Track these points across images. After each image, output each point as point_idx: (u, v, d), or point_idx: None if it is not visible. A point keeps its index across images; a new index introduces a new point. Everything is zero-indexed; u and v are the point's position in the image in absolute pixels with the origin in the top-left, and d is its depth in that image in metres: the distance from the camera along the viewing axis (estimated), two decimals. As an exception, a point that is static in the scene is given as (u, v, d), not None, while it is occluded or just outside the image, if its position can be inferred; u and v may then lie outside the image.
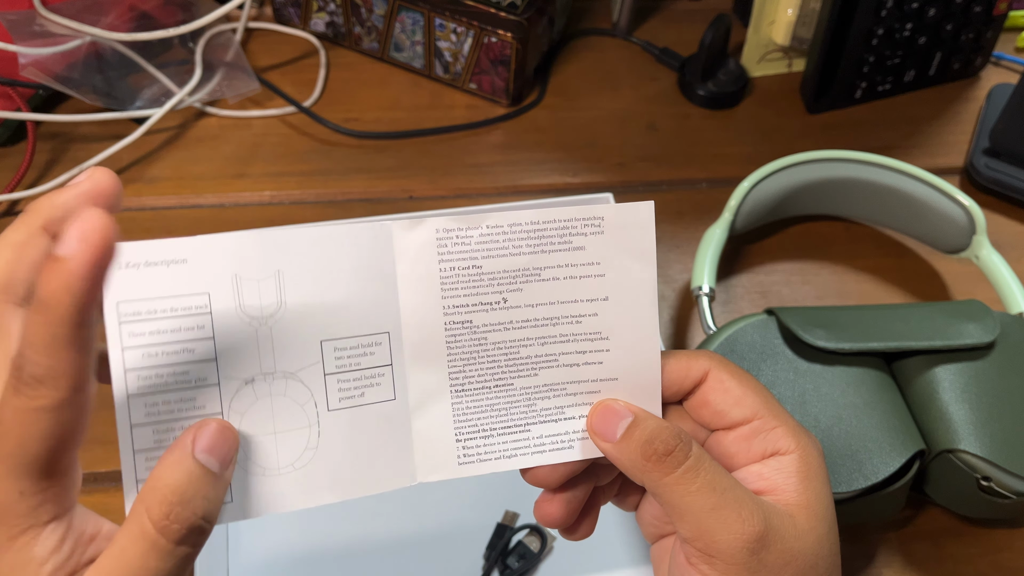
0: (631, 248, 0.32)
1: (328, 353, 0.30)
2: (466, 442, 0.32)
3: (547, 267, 0.32)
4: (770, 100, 0.69)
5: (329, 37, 0.70)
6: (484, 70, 0.65)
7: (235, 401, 0.29)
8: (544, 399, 0.33)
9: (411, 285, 0.31)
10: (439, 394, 0.32)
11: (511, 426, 0.33)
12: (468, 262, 0.31)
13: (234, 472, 0.29)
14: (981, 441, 0.43)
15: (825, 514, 0.32)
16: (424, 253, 0.31)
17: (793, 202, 0.57)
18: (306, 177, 0.62)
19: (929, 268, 0.60)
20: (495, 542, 0.45)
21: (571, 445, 0.33)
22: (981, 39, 0.69)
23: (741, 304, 0.57)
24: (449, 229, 0.31)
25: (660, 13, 0.76)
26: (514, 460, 0.33)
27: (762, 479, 0.32)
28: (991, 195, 0.64)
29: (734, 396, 0.32)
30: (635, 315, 0.33)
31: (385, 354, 0.31)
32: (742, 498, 0.30)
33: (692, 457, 0.30)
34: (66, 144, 0.62)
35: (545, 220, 0.32)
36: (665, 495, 0.30)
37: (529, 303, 0.32)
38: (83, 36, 0.61)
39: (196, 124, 0.64)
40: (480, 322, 0.32)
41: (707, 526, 0.30)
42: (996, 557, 0.47)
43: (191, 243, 0.28)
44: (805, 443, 0.32)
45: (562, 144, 0.65)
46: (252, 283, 0.29)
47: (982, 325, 0.46)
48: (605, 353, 0.33)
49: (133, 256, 0.28)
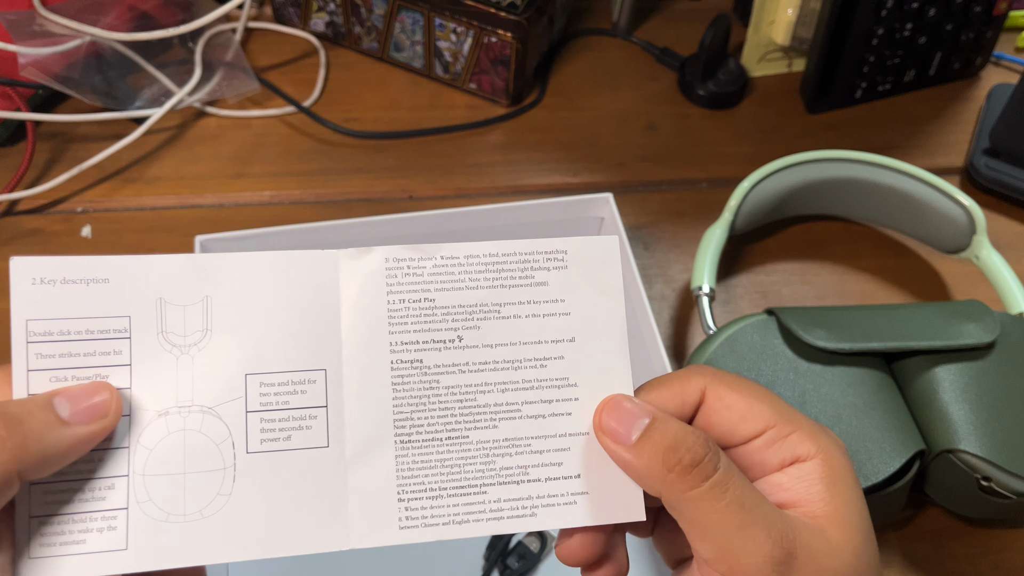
0: (597, 284, 0.30)
1: (253, 388, 0.28)
2: (410, 503, 0.29)
3: (507, 303, 0.29)
4: (770, 100, 0.69)
5: (329, 37, 0.70)
6: (484, 70, 0.65)
7: (144, 435, 0.27)
8: (504, 456, 0.29)
9: (355, 318, 0.29)
10: (381, 444, 0.28)
11: (464, 486, 0.29)
12: (420, 295, 0.29)
13: (133, 515, 0.27)
14: (981, 441, 0.43)
15: (859, 523, 0.28)
16: (371, 284, 0.29)
17: (793, 202, 0.57)
18: (306, 177, 0.61)
19: (929, 268, 0.60)
20: (495, 542, 0.45)
21: (534, 513, 0.29)
22: (981, 39, 0.69)
23: (741, 304, 0.57)
24: (400, 259, 0.29)
25: (660, 13, 0.76)
26: (465, 527, 0.29)
27: (783, 490, 0.29)
28: (991, 195, 0.64)
29: (739, 411, 0.29)
30: (605, 359, 0.30)
31: (320, 394, 0.28)
32: (770, 515, 0.27)
33: (721, 469, 0.27)
34: (66, 144, 0.62)
35: (504, 252, 0.29)
36: (687, 511, 0.27)
37: (487, 343, 0.29)
38: (83, 36, 0.60)
39: (196, 124, 0.64)
40: (431, 362, 0.29)
41: (733, 547, 0.27)
42: (997, 557, 0.47)
43: (114, 262, 0.27)
44: (825, 444, 0.29)
45: (562, 144, 0.65)
46: (177, 308, 0.28)
47: (982, 325, 0.46)
48: (574, 403, 0.30)
49: (49, 272, 0.26)
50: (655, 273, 0.58)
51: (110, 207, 0.59)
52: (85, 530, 0.27)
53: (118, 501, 0.27)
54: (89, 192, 0.59)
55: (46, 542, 0.27)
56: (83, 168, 0.59)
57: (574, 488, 0.29)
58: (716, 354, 0.46)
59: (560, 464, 0.29)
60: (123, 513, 0.27)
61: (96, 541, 0.27)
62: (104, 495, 0.27)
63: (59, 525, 0.27)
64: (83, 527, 0.27)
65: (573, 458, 0.30)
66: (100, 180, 0.60)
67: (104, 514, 0.27)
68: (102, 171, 0.60)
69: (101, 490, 0.27)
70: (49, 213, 0.58)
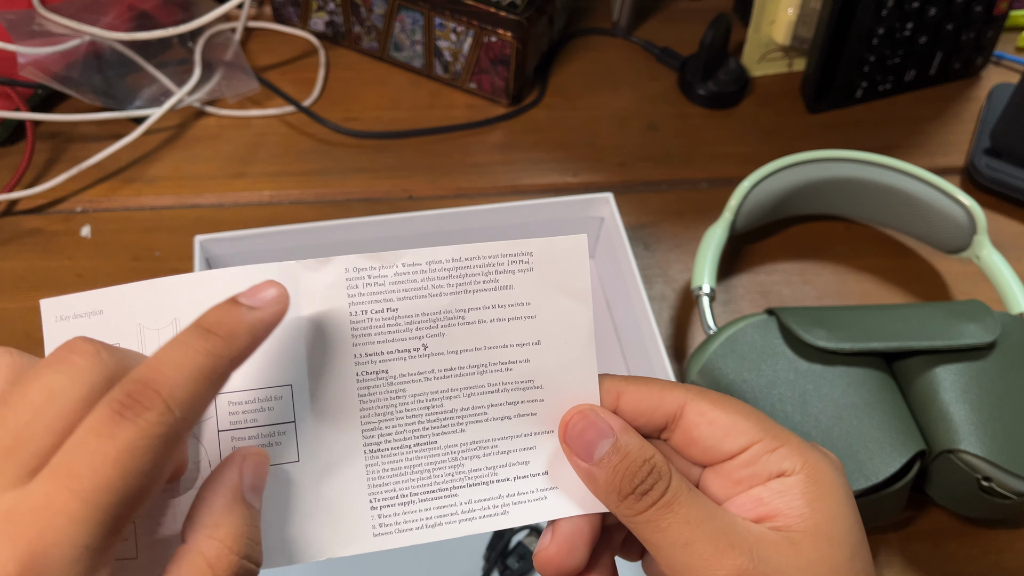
0: (564, 285, 0.30)
1: (222, 407, 0.28)
2: (382, 510, 0.29)
3: (471, 308, 0.29)
4: (770, 100, 0.69)
5: (329, 36, 0.70)
6: (484, 70, 0.65)
7: None
8: (472, 458, 0.30)
9: (317, 332, 0.28)
10: (351, 455, 0.29)
11: (435, 490, 0.29)
12: (382, 305, 0.29)
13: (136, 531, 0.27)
14: (982, 441, 0.43)
15: (843, 539, 0.28)
16: (332, 295, 0.28)
17: (794, 202, 0.57)
18: (306, 177, 0.61)
19: (930, 268, 0.60)
20: (495, 542, 0.45)
21: (505, 511, 0.29)
22: (982, 39, 0.69)
23: (741, 304, 0.57)
24: (360, 268, 0.29)
25: (660, 12, 0.75)
26: (438, 530, 0.29)
27: (761, 504, 0.29)
28: (992, 195, 0.64)
29: (723, 427, 0.29)
30: (570, 359, 0.30)
31: (287, 410, 0.28)
32: (722, 529, 0.27)
33: (669, 492, 0.28)
34: (65, 144, 0.62)
35: (468, 257, 0.29)
36: (639, 531, 0.28)
37: (452, 349, 0.29)
38: (82, 35, 0.60)
39: (195, 124, 0.64)
40: (397, 372, 0.29)
41: (682, 562, 0.27)
42: (997, 558, 0.47)
43: (103, 295, 0.28)
44: (814, 461, 0.29)
45: (562, 144, 0.65)
46: (153, 332, 0.28)
47: (983, 325, 0.46)
48: (539, 404, 0.30)
49: (63, 310, 0.28)
50: (655, 273, 0.58)
51: (109, 207, 0.59)
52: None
53: None
54: (88, 192, 0.59)
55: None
56: (82, 168, 0.59)
57: (542, 484, 0.30)
58: (716, 354, 0.46)
59: (527, 463, 0.30)
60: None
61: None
62: None
63: None
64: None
65: (539, 456, 0.30)
66: (99, 180, 0.60)
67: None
68: (102, 171, 0.60)
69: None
70: (48, 213, 0.58)
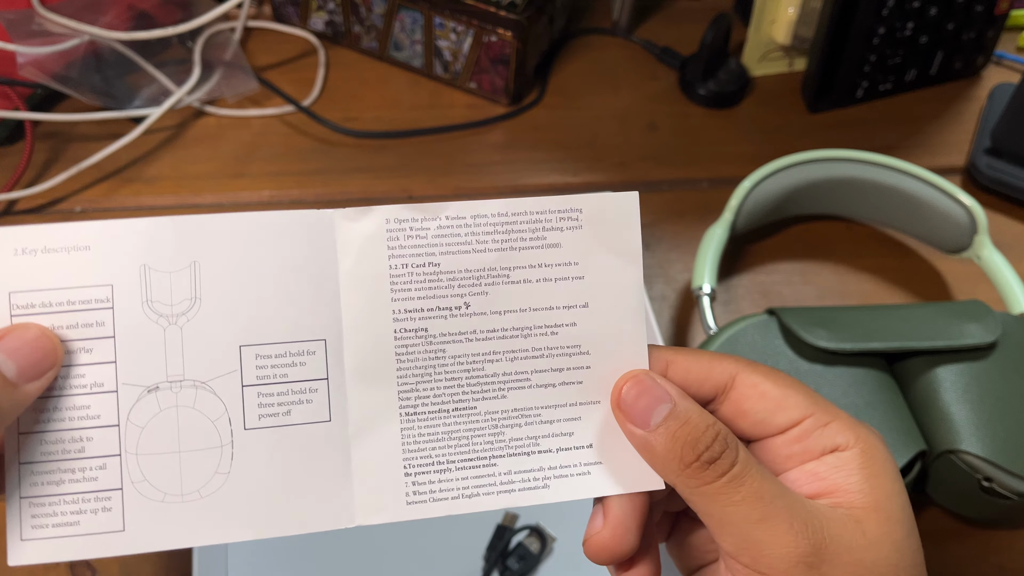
0: (613, 245, 0.29)
1: (248, 361, 0.27)
2: (417, 477, 0.27)
3: (517, 267, 0.28)
4: (771, 99, 0.69)
5: (328, 36, 0.70)
6: (484, 69, 0.65)
7: (134, 412, 0.26)
8: (513, 427, 0.28)
9: (354, 285, 0.27)
10: (386, 417, 0.27)
11: (473, 459, 0.28)
12: (424, 259, 0.27)
13: (128, 495, 0.26)
14: (983, 442, 0.43)
15: (901, 516, 0.27)
16: (371, 247, 0.27)
17: (794, 202, 0.57)
18: (305, 176, 0.61)
19: (930, 268, 0.60)
20: (495, 543, 0.45)
21: (547, 485, 0.28)
22: (982, 38, 0.69)
23: (742, 304, 0.57)
24: (402, 219, 0.27)
25: (660, 12, 0.75)
26: (475, 501, 0.28)
27: (818, 479, 0.27)
28: (993, 195, 0.64)
29: (774, 400, 0.28)
30: (620, 325, 0.28)
31: (320, 366, 0.27)
32: (794, 506, 0.26)
33: (739, 464, 0.26)
34: (64, 143, 0.62)
35: (515, 212, 0.28)
36: (702, 504, 0.27)
37: (496, 309, 0.28)
38: (81, 35, 0.60)
39: (195, 123, 0.64)
40: (437, 331, 0.27)
41: (753, 539, 0.26)
42: (998, 558, 0.47)
43: (94, 228, 0.26)
44: (866, 436, 0.28)
45: (562, 143, 0.65)
46: (163, 275, 0.26)
47: (983, 325, 0.46)
48: (585, 371, 0.28)
49: (29, 242, 0.25)
50: (656, 273, 0.58)
51: (109, 207, 0.59)
52: (78, 511, 0.26)
53: (111, 481, 0.26)
54: (88, 192, 0.59)
55: (38, 523, 0.26)
56: (82, 168, 0.59)
57: (587, 458, 0.28)
58: (717, 354, 0.46)
59: (571, 434, 0.28)
60: (118, 494, 0.26)
61: (90, 522, 0.26)
62: (96, 475, 0.26)
63: (51, 507, 0.26)
64: (75, 508, 0.26)
65: (585, 428, 0.28)
66: (99, 180, 0.60)
67: (97, 495, 0.26)
68: (101, 171, 0.60)
69: (92, 470, 0.26)
70: (48, 213, 0.58)
